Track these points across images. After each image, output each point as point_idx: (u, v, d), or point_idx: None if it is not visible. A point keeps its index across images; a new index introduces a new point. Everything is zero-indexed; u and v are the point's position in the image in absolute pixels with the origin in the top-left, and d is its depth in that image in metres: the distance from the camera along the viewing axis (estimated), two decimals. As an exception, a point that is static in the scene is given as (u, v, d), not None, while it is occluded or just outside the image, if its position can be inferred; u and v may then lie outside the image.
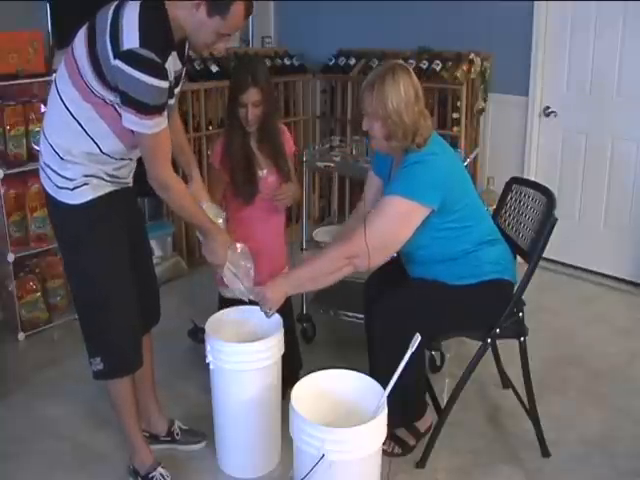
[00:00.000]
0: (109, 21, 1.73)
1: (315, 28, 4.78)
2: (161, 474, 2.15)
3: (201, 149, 4.01)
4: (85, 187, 1.90)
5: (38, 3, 3.59)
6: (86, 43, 1.78)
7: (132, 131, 1.81)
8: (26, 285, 3.17)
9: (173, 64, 1.82)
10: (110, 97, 1.79)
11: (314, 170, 4.15)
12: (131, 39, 1.68)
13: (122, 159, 1.97)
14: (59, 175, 1.89)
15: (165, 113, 1.83)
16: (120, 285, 1.99)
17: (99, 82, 1.77)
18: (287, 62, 4.52)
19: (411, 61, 3.97)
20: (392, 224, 2.08)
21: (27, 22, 3.40)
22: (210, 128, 4.04)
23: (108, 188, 1.96)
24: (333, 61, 4.49)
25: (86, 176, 1.90)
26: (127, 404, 2.11)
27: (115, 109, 1.82)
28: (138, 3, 1.74)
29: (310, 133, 4.75)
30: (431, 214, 2.07)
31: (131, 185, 2.11)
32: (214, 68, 4.00)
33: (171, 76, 1.81)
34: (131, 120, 1.77)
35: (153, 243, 3.70)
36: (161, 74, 1.73)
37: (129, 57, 1.68)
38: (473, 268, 2.16)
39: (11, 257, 3.08)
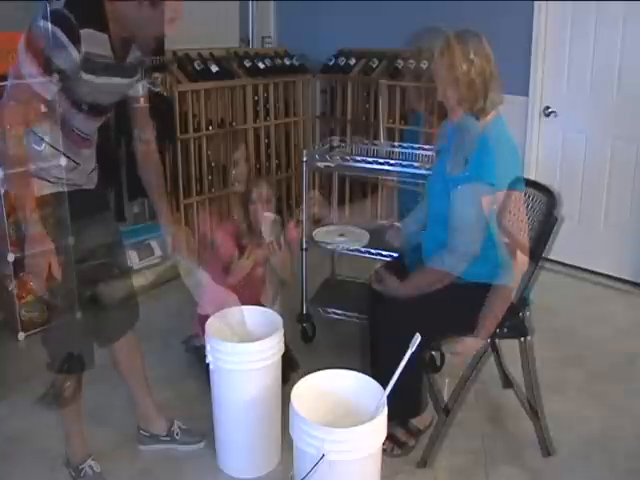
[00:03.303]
0: None
1: (315, 28, 4.78)
2: (90, 466, 2.15)
3: (201, 149, 4.01)
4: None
5: (38, 3, 3.58)
6: None
7: None
8: (26, 285, 3.17)
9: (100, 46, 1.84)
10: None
11: (314, 170, 4.14)
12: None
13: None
14: None
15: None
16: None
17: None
18: (287, 62, 4.52)
19: (411, 61, 3.96)
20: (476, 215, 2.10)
21: (27, 22, 3.39)
22: (210, 128, 4.04)
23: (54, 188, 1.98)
24: (333, 61, 4.49)
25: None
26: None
27: None
28: None
29: (310, 133, 4.75)
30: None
31: (94, 188, 2.10)
32: (214, 68, 4.01)
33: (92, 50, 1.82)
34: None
35: (153, 243, 3.72)
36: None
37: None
38: (491, 269, 2.15)
39: (11, 257, 3.06)
